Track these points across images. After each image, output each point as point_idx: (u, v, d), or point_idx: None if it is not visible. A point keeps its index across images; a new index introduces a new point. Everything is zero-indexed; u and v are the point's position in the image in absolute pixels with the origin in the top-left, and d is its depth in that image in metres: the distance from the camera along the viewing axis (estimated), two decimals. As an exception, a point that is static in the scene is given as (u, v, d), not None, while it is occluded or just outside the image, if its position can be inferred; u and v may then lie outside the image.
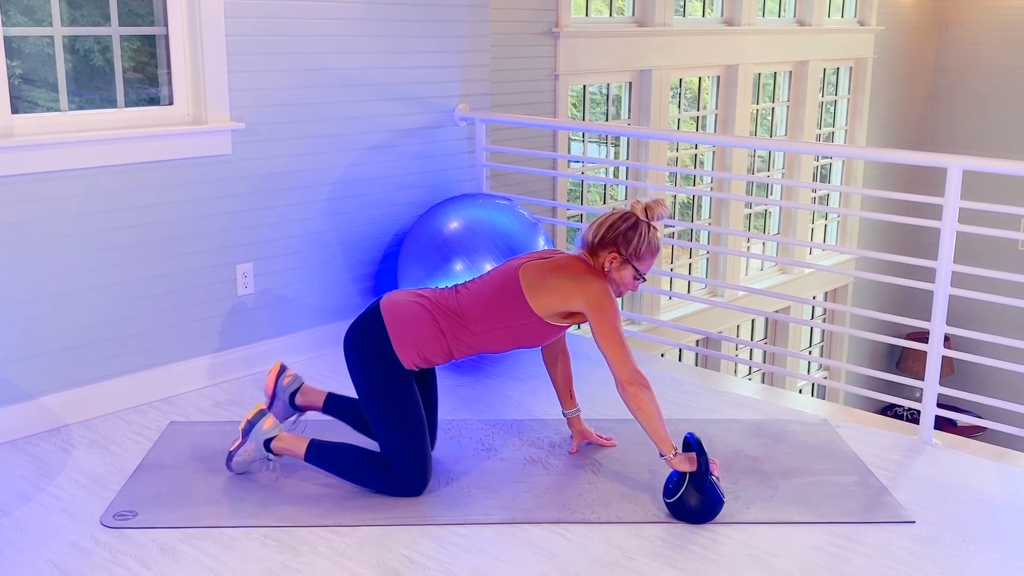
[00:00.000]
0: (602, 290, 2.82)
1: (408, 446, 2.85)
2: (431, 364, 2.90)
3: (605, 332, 2.79)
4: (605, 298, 2.82)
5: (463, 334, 2.87)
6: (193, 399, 3.67)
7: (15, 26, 3.25)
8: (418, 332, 2.85)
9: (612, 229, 2.89)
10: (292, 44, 3.86)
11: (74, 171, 3.33)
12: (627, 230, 2.88)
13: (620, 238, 2.88)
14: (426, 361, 2.88)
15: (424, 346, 2.85)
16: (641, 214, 2.91)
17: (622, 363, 2.80)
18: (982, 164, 3.36)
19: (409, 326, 2.85)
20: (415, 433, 2.85)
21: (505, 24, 5.37)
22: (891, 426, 3.58)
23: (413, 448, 2.86)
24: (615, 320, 2.81)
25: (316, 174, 4.03)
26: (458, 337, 2.87)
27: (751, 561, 2.59)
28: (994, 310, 5.50)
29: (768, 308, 7.28)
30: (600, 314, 2.80)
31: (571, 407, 3.24)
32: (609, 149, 6.77)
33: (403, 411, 2.84)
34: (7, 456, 3.17)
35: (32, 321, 3.30)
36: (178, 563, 2.55)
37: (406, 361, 2.84)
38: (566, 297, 2.83)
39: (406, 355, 2.84)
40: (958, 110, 9.28)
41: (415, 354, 2.85)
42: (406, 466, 2.85)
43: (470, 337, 2.87)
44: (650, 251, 2.92)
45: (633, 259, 2.89)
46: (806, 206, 4.19)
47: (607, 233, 2.89)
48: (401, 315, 2.86)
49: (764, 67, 7.69)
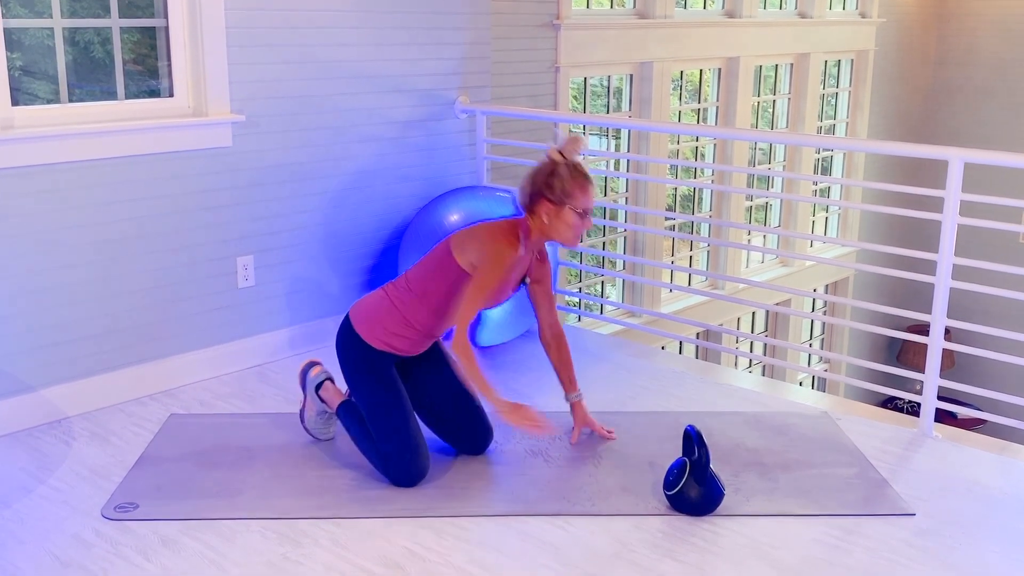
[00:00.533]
0: (494, 254, 2.87)
1: (392, 433, 2.89)
2: (400, 340, 2.96)
3: (470, 288, 2.87)
4: (492, 262, 2.87)
5: (407, 296, 2.97)
6: (194, 391, 3.67)
7: (15, 18, 3.24)
8: (375, 311, 2.98)
9: (534, 183, 2.95)
10: (292, 36, 3.85)
11: (74, 163, 3.33)
12: (547, 177, 2.93)
13: (544, 187, 2.93)
14: (392, 335, 2.95)
15: (383, 321, 2.96)
16: (557, 157, 2.94)
17: (461, 320, 2.85)
18: (983, 157, 3.35)
19: (365, 306, 3.02)
20: (399, 422, 2.90)
21: (506, 16, 5.36)
22: (891, 419, 3.58)
23: (397, 435, 2.89)
24: (485, 283, 2.86)
25: (316, 166, 4.02)
26: (404, 301, 2.96)
27: (752, 553, 2.60)
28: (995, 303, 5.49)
29: (769, 301, 7.28)
30: (478, 272, 2.88)
31: (572, 391, 3.26)
32: (610, 141, 6.76)
33: (383, 400, 2.93)
34: (8, 448, 3.17)
35: (33, 313, 3.30)
36: (179, 555, 2.55)
37: (374, 341, 2.95)
38: (473, 252, 2.91)
39: (371, 335, 2.95)
40: (959, 102, 9.27)
41: (379, 330, 2.95)
42: (394, 453, 2.89)
43: (416, 300, 2.95)
44: (577, 185, 2.93)
45: (565, 199, 2.92)
46: (807, 199, 4.19)
47: (531, 188, 2.95)
48: (361, 304, 3.05)
49: (765, 59, 7.68)
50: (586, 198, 2.93)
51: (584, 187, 2.94)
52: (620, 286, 6.94)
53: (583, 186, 2.93)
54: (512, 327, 3.96)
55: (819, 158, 8.57)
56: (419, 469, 2.91)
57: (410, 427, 2.92)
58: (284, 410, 3.49)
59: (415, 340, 3.00)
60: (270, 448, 3.17)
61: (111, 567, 2.49)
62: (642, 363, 4.09)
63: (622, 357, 4.15)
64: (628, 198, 6.72)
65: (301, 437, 3.24)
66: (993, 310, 6.70)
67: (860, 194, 8.68)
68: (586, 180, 2.95)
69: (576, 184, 2.93)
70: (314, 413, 3.19)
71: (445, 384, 3.12)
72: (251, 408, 3.53)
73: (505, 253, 2.88)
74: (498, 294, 3.00)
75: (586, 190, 2.94)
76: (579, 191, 2.92)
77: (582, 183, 2.94)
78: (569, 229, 2.95)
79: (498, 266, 2.87)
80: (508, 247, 2.90)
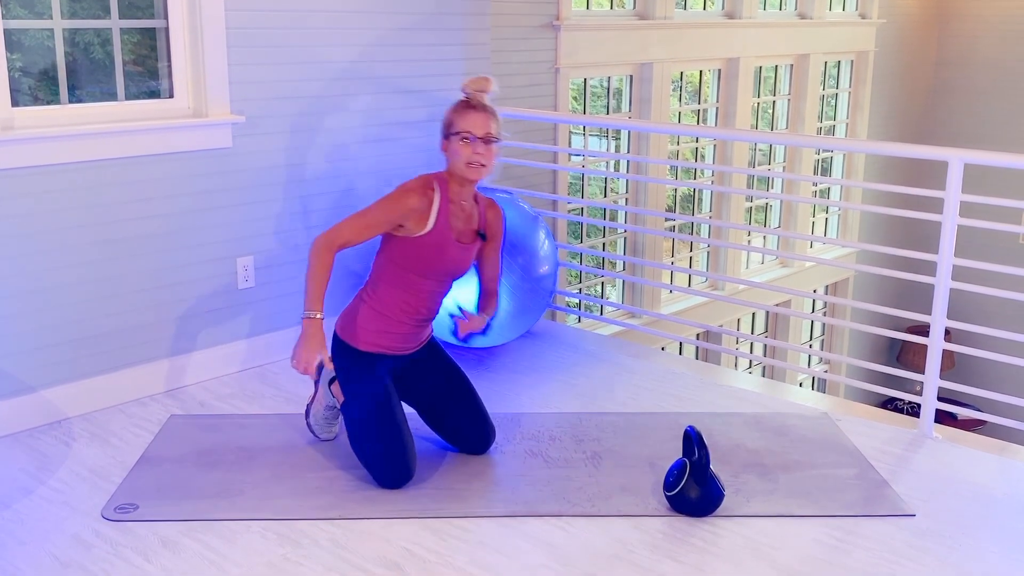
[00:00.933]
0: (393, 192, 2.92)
1: (378, 436, 2.90)
2: (384, 336, 2.97)
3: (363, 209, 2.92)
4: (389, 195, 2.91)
5: (370, 287, 3.01)
6: (194, 392, 3.67)
7: (15, 19, 3.24)
8: (353, 314, 3.02)
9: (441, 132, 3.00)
10: (293, 37, 3.85)
11: (74, 164, 3.33)
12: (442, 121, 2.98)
13: (441, 130, 2.98)
14: (374, 333, 2.97)
15: (361, 321, 2.98)
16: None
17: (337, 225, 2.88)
18: (983, 158, 3.35)
19: (345, 313, 3.06)
20: (384, 425, 2.90)
21: (505, 17, 5.36)
22: (891, 420, 3.58)
23: (383, 438, 2.90)
24: (373, 207, 2.89)
25: (317, 167, 4.02)
26: (369, 292, 3.00)
27: (751, 554, 2.60)
28: (995, 304, 5.49)
29: (769, 302, 7.28)
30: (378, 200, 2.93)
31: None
32: (610, 142, 6.76)
33: (369, 404, 2.93)
34: (8, 449, 3.17)
35: (33, 314, 3.30)
36: (179, 556, 2.55)
37: (359, 344, 2.97)
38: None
39: (355, 338, 2.98)
40: (959, 104, 9.27)
41: (361, 331, 2.97)
42: (380, 455, 2.90)
43: (375, 284, 2.99)
44: (456, 112, 2.95)
45: (450, 131, 2.94)
46: (807, 199, 4.20)
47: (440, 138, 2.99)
48: (343, 312, 3.08)
49: (765, 60, 7.68)
50: (465, 121, 2.90)
51: (463, 112, 2.92)
52: (620, 287, 6.94)
53: (462, 112, 2.92)
54: (511, 328, 3.96)
55: (819, 159, 8.57)
56: (404, 472, 2.91)
57: (395, 430, 2.91)
58: (284, 411, 3.49)
59: (398, 332, 2.98)
60: (270, 449, 3.17)
61: (111, 568, 2.49)
62: (642, 364, 4.09)
63: (622, 358, 4.15)
64: (628, 199, 6.72)
65: (301, 438, 3.24)
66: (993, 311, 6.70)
67: (860, 195, 8.67)
68: (466, 106, 2.93)
69: (455, 111, 2.94)
70: (322, 407, 3.19)
71: (446, 384, 3.13)
72: (251, 409, 3.53)
73: (406, 194, 2.89)
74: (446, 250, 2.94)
75: (465, 115, 2.91)
76: (457, 117, 2.92)
77: (461, 109, 2.93)
78: (460, 159, 2.91)
79: (389, 199, 2.89)
80: (412, 191, 2.90)
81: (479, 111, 2.91)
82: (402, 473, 2.90)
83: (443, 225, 2.93)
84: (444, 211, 2.93)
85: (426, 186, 2.93)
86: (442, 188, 2.95)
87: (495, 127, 2.92)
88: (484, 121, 2.90)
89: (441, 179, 2.97)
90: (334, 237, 2.85)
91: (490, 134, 2.90)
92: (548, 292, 4.02)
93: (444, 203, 2.94)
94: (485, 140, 2.89)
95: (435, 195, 2.92)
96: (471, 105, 2.93)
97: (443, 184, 2.96)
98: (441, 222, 2.92)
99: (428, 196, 2.91)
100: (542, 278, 3.94)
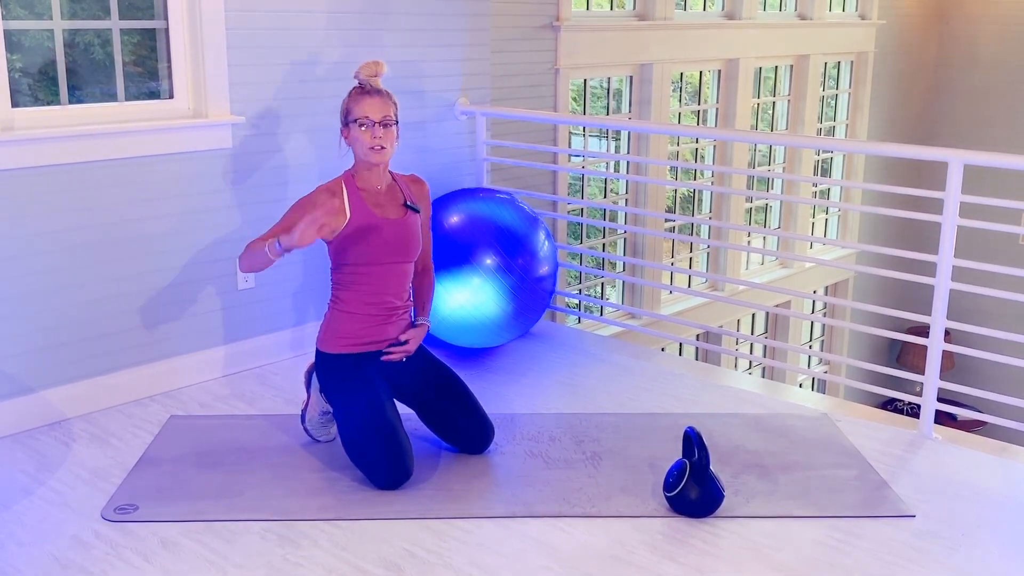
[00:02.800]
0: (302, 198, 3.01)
1: (371, 439, 2.90)
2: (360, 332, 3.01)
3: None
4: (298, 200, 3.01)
5: (332, 294, 3.08)
6: (194, 393, 3.67)
7: (15, 19, 3.24)
8: (327, 324, 3.08)
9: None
10: (292, 37, 3.85)
11: (74, 165, 3.33)
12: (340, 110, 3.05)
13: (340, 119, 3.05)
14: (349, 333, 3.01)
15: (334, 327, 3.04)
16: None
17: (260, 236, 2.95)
18: (983, 158, 3.35)
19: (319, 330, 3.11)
20: (377, 427, 2.90)
21: (505, 18, 5.36)
22: (891, 420, 3.58)
23: (376, 441, 2.89)
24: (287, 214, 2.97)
25: (316, 168, 4.02)
26: (332, 300, 3.08)
27: (751, 555, 2.60)
28: (994, 305, 5.50)
29: (769, 302, 7.28)
30: None
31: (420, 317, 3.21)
32: (610, 143, 6.77)
33: (359, 409, 2.94)
34: (8, 450, 3.17)
35: (33, 315, 3.30)
36: (179, 557, 2.55)
37: (338, 348, 3.03)
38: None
39: (333, 344, 3.03)
40: (959, 104, 9.27)
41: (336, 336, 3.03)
42: (375, 458, 2.89)
43: (336, 293, 3.07)
44: (351, 98, 3.01)
45: (348, 118, 3.00)
46: (807, 200, 4.20)
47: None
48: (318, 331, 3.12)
49: (765, 61, 7.68)
50: (361, 108, 2.96)
51: (359, 99, 2.99)
52: (620, 288, 6.94)
53: (358, 98, 2.99)
54: (511, 329, 3.96)
55: (819, 160, 8.57)
56: (402, 473, 2.90)
57: (390, 431, 2.90)
58: (284, 412, 3.49)
59: (370, 325, 3.02)
60: (270, 450, 3.17)
61: (111, 569, 2.49)
62: (642, 365, 4.08)
63: (622, 359, 4.15)
64: (628, 200, 6.73)
65: (301, 438, 3.24)
66: (993, 312, 6.71)
67: (860, 196, 8.68)
68: (361, 94, 2.99)
69: (352, 99, 3.01)
70: (317, 413, 3.18)
71: (441, 383, 3.12)
72: (251, 410, 3.53)
73: (314, 194, 2.97)
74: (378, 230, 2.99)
75: (360, 101, 2.98)
76: (354, 104, 2.99)
77: (356, 96, 2.99)
78: (361, 145, 2.99)
79: (299, 203, 2.97)
80: (319, 192, 2.98)
81: (374, 96, 2.99)
82: (400, 474, 2.90)
83: (361, 209, 3.00)
84: (357, 199, 3.01)
85: (332, 186, 3.03)
86: (348, 182, 3.04)
87: (392, 110, 3.01)
88: (381, 105, 2.98)
89: (346, 176, 3.06)
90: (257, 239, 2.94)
91: (388, 117, 2.99)
92: (548, 293, 4.02)
93: (354, 192, 3.02)
94: (383, 124, 2.97)
95: (343, 189, 3.01)
96: (366, 91, 3.00)
97: (349, 178, 3.05)
98: (357, 207, 2.99)
99: (336, 192, 3.00)
100: (542, 279, 3.94)
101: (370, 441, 2.90)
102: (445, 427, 3.13)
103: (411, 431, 3.10)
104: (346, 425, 2.95)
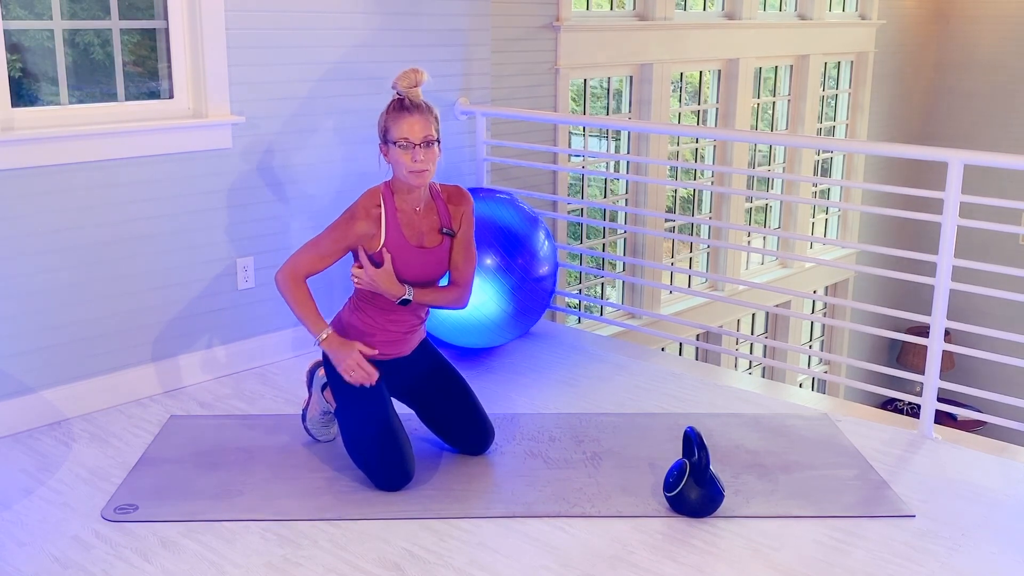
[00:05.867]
0: (342, 216, 2.91)
1: (373, 440, 2.89)
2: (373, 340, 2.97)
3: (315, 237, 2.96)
4: (336, 222, 2.92)
5: (352, 300, 3.04)
6: (194, 393, 3.67)
7: (15, 20, 3.24)
8: (338, 323, 3.04)
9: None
10: (292, 37, 3.85)
11: (74, 165, 3.33)
12: (378, 124, 2.89)
13: (378, 134, 2.88)
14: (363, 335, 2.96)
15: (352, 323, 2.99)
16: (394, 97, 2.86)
17: (293, 257, 2.94)
18: (983, 158, 3.35)
19: (337, 317, 3.07)
20: (378, 429, 2.89)
21: (505, 18, 5.36)
22: (891, 420, 3.58)
23: (378, 442, 2.89)
24: (323, 237, 2.92)
25: (316, 168, 4.03)
26: (351, 305, 3.03)
27: (751, 555, 2.60)
28: (994, 305, 5.50)
29: (768, 302, 7.28)
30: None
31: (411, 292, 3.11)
32: (610, 143, 6.76)
33: (362, 410, 2.93)
34: (8, 450, 3.17)
35: (33, 314, 3.30)
36: (179, 557, 2.55)
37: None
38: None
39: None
40: (959, 104, 9.27)
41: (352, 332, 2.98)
42: (376, 459, 2.89)
43: (356, 303, 3.01)
44: (391, 117, 2.82)
45: (388, 137, 2.83)
46: (807, 200, 4.20)
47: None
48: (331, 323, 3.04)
49: (765, 61, 7.68)
50: (400, 128, 2.78)
51: (397, 117, 2.80)
52: (620, 288, 6.94)
53: (396, 117, 2.80)
54: (511, 329, 3.96)
55: (819, 160, 8.57)
56: (402, 474, 2.90)
57: (390, 434, 2.90)
58: (284, 412, 3.49)
59: (385, 340, 2.98)
60: (270, 450, 3.17)
61: (111, 569, 2.49)
62: (642, 364, 4.08)
63: (622, 358, 4.15)
64: (628, 200, 6.73)
65: (301, 438, 3.24)
66: (993, 312, 6.71)
67: (860, 196, 8.68)
68: (400, 110, 2.80)
69: (390, 116, 2.82)
70: (318, 413, 3.18)
71: (442, 385, 3.12)
72: (251, 410, 3.53)
73: (351, 221, 2.87)
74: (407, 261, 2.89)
75: (399, 119, 2.79)
76: (393, 123, 2.80)
77: (395, 114, 2.80)
78: (401, 167, 2.82)
79: (336, 227, 2.89)
80: (356, 218, 2.86)
81: (414, 113, 2.80)
82: (400, 476, 2.90)
83: (396, 237, 2.88)
84: (394, 223, 2.88)
85: (370, 204, 2.87)
86: (388, 200, 2.89)
87: (434, 127, 2.82)
88: (422, 124, 2.79)
89: (386, 189, 2.91)
90: (295, 269, 2.90)
91: (429, 135, 2.80)
92: (548, 293, 4.02)
93: (392, 215, 2.88)
94: (425, 143, 2.80)
95: (381, 211, 2.87)
96: (405, 107, 2.81)
97: (388, 195, 2.90)
98: (393, 235, 2.88)
99: (374, 215, 2.86)
100: (542, 279, 3.94)
101: (372, 443, 2.89)
102: (445, 429, 3.13)
103: (411, 431, 3.10)
104: (348, 426, 2.95)
